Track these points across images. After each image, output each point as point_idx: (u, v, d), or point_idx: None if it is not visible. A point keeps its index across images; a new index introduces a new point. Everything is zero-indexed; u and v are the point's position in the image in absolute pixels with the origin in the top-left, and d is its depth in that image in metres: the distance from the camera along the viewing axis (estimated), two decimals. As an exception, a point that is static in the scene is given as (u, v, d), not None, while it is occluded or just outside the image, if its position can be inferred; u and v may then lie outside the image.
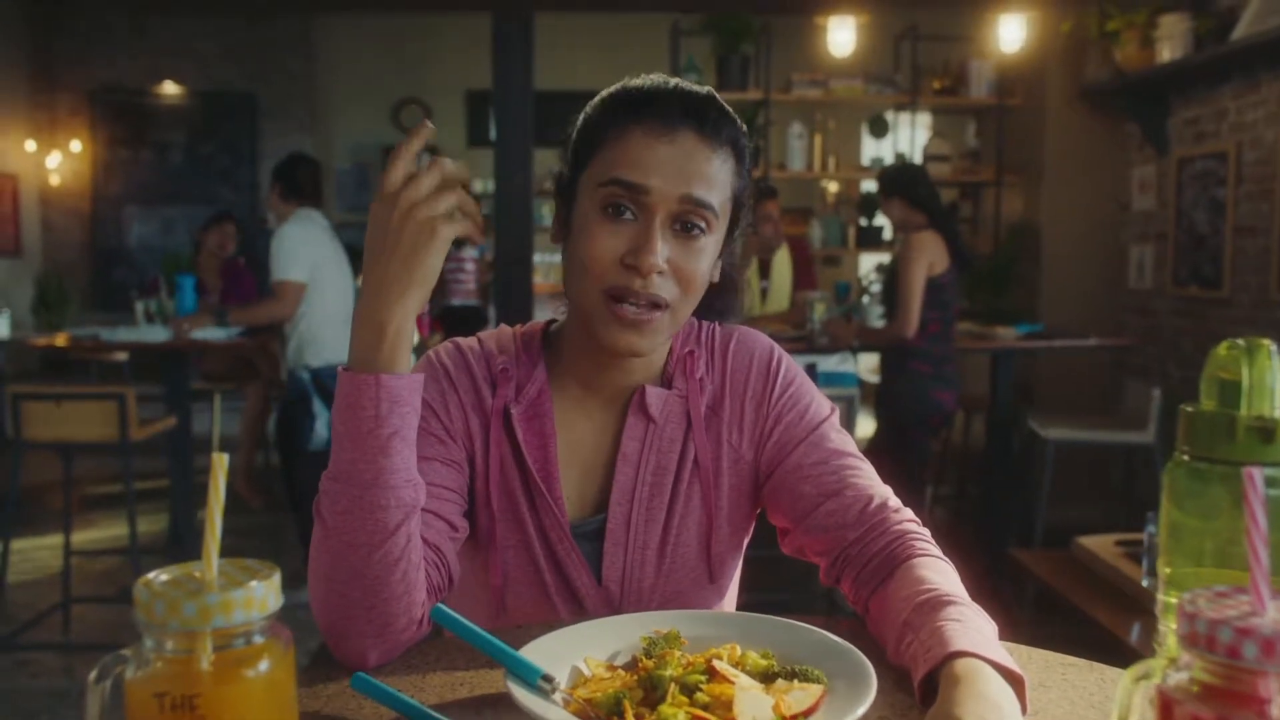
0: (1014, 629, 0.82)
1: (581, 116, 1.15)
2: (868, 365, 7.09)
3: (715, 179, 1.09)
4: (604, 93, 1.15)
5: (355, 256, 6.19)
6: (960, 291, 4.03)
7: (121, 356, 6.54)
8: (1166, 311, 5.13)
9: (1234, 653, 0.61)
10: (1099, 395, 5.42)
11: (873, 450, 4.09)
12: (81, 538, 4.68)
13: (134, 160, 9.58)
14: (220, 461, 0.71)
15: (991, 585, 3.73)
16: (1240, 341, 0.74)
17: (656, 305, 1.08)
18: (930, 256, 3.87)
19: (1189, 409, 0.75)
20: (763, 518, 1.26)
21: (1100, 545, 2.95)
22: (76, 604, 3.82)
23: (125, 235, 9.59)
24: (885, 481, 1.18)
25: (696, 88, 1.12)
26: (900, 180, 4.01)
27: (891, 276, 4.07)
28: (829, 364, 4.18)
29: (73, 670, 3.44)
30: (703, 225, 1.09)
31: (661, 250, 1.06)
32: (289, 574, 0.77)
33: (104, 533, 4.89)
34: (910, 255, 3.89)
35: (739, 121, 1.14)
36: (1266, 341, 0.74)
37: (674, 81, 1.13)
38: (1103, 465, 5.32)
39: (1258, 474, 0.65)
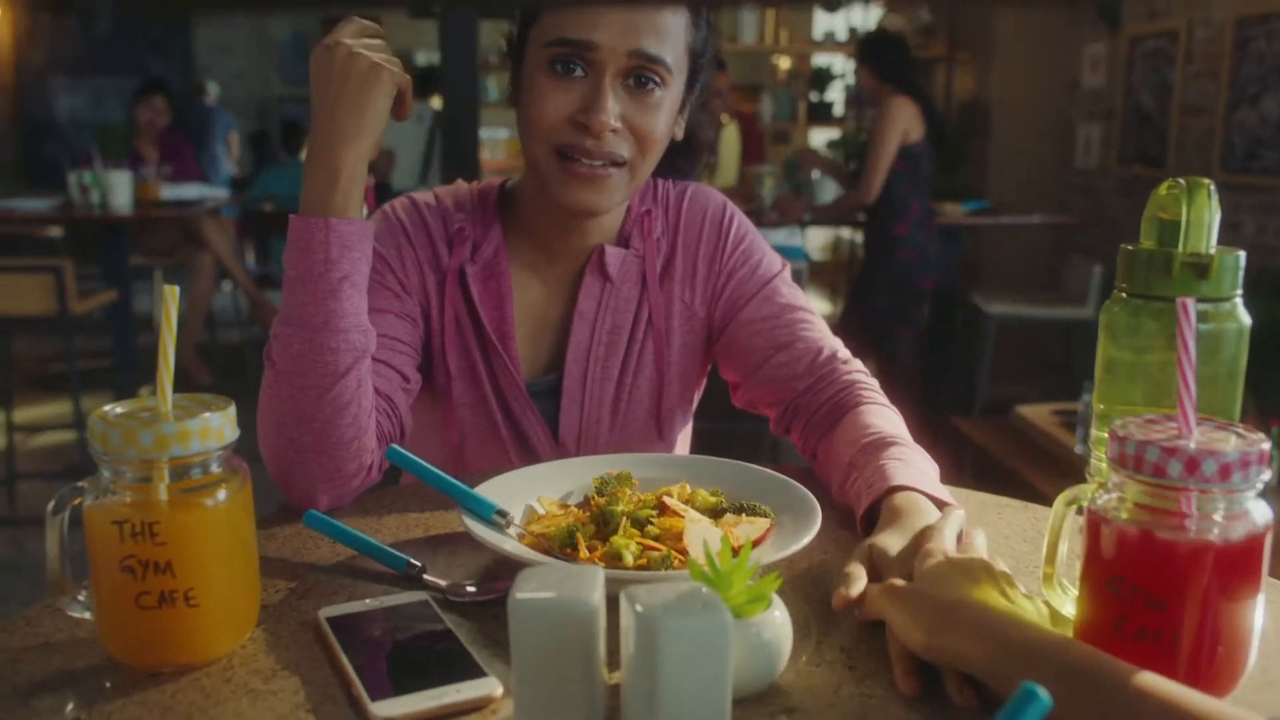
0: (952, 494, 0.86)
1: None
2: (816, 243, 7.11)
3: (667, 31, 1.06)
4: None
5: (291, 129, 6.02)
6: (934, 164, 4.00)
7: (55, 232, 6.36)
8: (1111, 191, 5.18)
9: (1160, 471, 0.64)
10: (1042, 272, 5.50)
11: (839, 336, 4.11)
12: (25, 415, 4.62)
13: (58, 28, 9.15)
14: (171, 293, 0.71)
15: (931, 454, 3.81)
16: (1181, 181, 0.76)
17: (612, 162, 1.06)
18: (905, 123, 3.82)
19: (1128, 248, 0.77)
20: (715, 384, 1.28)
21: (1037, 414, 3.04)
22: (22, 480, 3.80)
23: (54, 108, 9.22)
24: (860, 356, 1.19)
25: None
26: (868, 49, 3.94)
27: (865, 146, 4.04)
28: (776, 238, 4.18)
29: (21, 544, 3.45)
30: (656, 80, 1.06)
31: (613, 108, 1.04)
32: (241, 448, 0.76)
33: (48, 410, 4.83)
34: (885, 121, 3.84)
35: None
36: (1207, 181, 0.76)
37: None
38: (1043, 341, 5.44)
39: (1190, 304, 0.67)
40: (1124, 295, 0.77)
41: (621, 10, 1.04)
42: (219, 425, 0.69)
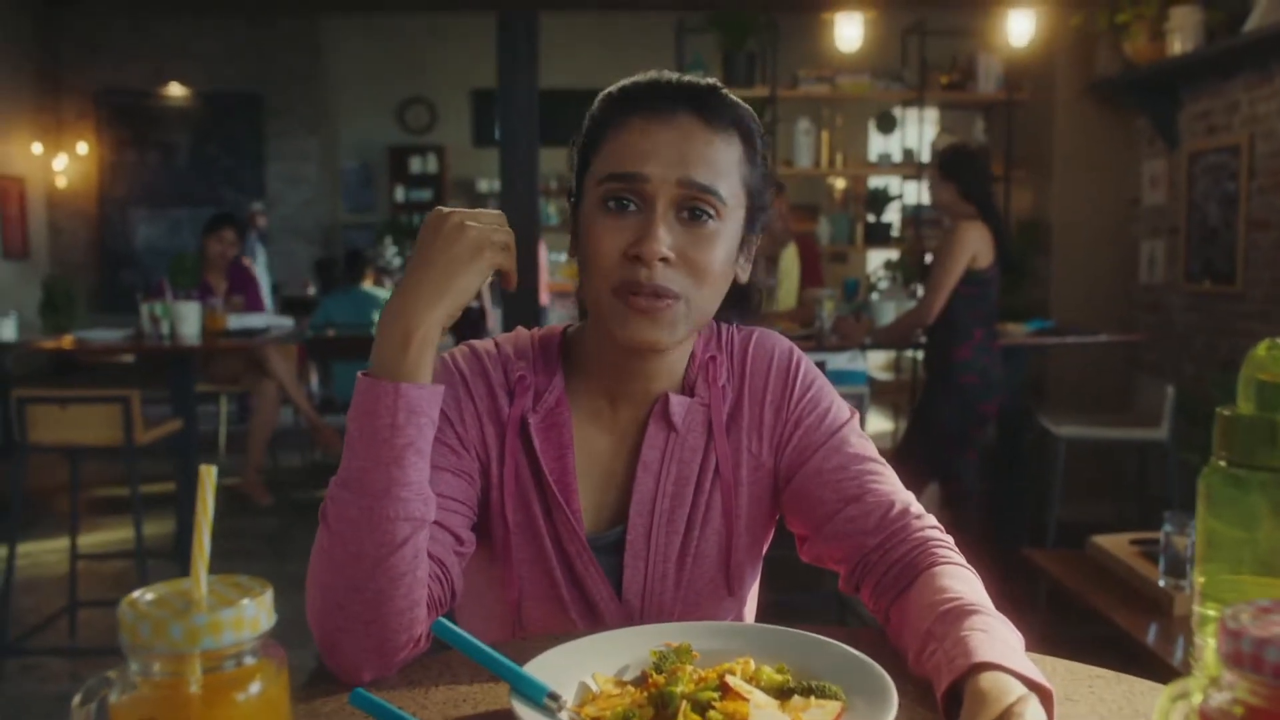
0: (1027, 629, 0.79)
1: (586, 119, 1.12)
2: (876, 362, 7.05)
3: (718, 163, 1.05)
4: (603, 93, 1.12)
5: (354, 257, 6.17)
6: (1000, 290, 3.93)
7: (128, 359, 6.53)
8: (1178, 307, 5.08)
9: (1281, 673, 0.58)
10: (1110, 392, 5.37)
11: (902, 460, 4.03)
12: (88, 541, 4.66)
13: (140, 162, 9.58)
14: (209, 474, 0.68)
15: (1003, 584, 3.65)
16: (1280, 341, 0.71)
17: (664, 294, 1.03)
18: (975, 248, 3.73)
19: (1226, 413, 0.71)
20: (780, 523, 1.23)
21: (1115, 545, 2.91)
22: (83, 608, 3.80)
23: (132, 237, 9.59)
24: (913, 488, 1.14)
25: (701, 79, 1.09)
26: (957, 164, 3.83)
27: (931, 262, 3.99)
28: (839, 361, 4.13)
29: (80, 675, 3.42)
30: (710, 211, 1.04)
31: (664, 238, 1.02)
32: (297, 576, 0.73)
33: (110, 536, 4.87)
34: (954, 243, 3.75)
35: (746, 107, 1.10)
36: (1308, 341, 0.71)
37: (678, 75, 1.10)
38: (1114, 461, 5.27)
39: (1304, 482, 0.61)
40: (1224, 464, 0.71)
41: (672, 144, 1.03)
42: (254, 615, 0.65)
